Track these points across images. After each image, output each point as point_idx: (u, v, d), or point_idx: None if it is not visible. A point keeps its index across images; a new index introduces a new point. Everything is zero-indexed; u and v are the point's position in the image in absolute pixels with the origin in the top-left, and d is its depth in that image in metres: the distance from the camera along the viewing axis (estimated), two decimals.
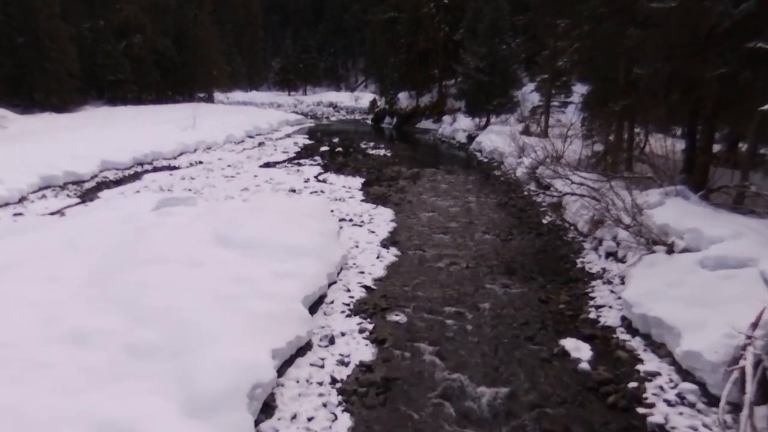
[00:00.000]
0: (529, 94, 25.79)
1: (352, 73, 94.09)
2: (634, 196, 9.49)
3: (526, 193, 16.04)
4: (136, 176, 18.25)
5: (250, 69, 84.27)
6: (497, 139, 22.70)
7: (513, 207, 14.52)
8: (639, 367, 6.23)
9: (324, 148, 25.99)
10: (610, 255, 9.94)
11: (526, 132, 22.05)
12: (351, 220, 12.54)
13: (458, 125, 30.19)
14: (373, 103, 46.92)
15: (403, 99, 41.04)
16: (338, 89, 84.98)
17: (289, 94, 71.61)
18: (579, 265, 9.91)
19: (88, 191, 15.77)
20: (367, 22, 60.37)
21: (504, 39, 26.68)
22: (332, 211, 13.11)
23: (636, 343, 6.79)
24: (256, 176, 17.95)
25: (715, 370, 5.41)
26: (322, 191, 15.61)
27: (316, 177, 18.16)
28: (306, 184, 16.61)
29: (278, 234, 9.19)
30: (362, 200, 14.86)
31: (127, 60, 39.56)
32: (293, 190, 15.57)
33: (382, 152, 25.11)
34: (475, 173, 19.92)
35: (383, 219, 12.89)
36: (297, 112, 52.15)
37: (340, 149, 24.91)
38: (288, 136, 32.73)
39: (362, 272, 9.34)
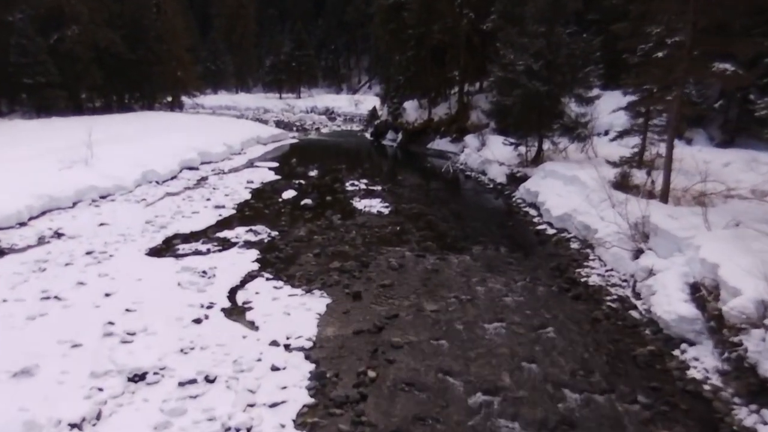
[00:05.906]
0: (610, 114, 16.44)
1: (354, 72, 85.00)
2: None
3: (707, 393, 6.66)
4: None
5: (240, 68, 75.25)
6: (570, 194, 13.43)
7: None
8: None
9: (288, 194, 16.93)
10: None
11: (622, 184, 12.72)
12: None
13: (490, 153, 20.85)
14: (373, 113, 37.50)
15: (411, 109, 31.70)
16: (339, 90, 76.17)
17: (280, 97, 62.47)
18: None
19: None
20: (371, 14, 51.21)
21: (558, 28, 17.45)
22: None
23: None
24: (107, 296, 8.81)
25: None
26: (212, 379, 6.42)
27: (230, 297, 9.02)
28: (188, 344, 7.39)
29: None
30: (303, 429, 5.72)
31: (53, 58, 30.57)
32: (136, 378, 6.41)
33: (376, 205, 15.90)
34: (542, 273, 10.59)
35: None
36: (281, 122, 43.11)
37: (308, 202, 15.69)
38: (250, 163, 23.63)
39: None
